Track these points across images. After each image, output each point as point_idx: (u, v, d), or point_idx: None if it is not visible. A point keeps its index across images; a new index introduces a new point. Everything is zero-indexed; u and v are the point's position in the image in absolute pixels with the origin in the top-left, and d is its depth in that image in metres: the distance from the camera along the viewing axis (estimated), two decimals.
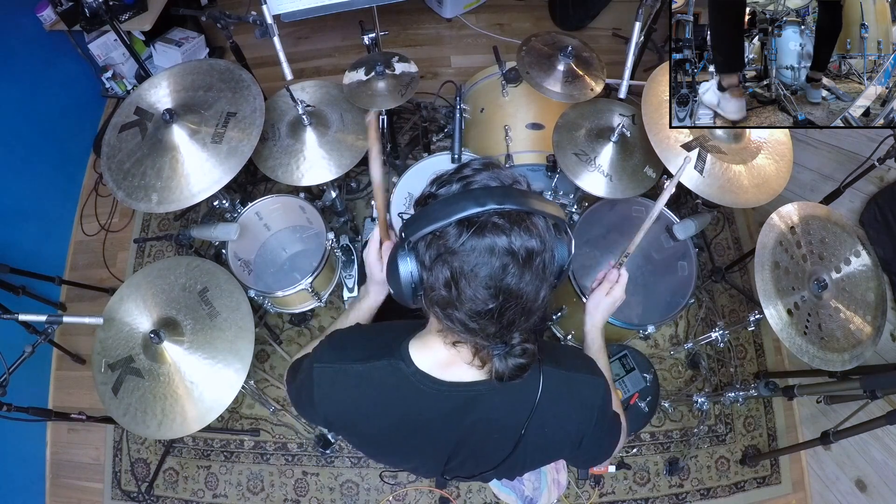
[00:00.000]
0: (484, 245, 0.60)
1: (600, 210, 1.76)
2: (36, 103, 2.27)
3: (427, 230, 0.63)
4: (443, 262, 0.62)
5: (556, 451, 0.86)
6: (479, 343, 0.69)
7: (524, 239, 0.61)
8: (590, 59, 1.78)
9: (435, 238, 0.63)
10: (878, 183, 1.78)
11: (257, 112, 1.52)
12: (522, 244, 0.61)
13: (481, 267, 0.61)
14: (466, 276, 0.61)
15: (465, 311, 0.64)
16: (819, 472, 1.92)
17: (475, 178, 0.66)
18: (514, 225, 0.61)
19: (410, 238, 0.65)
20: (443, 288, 0.63)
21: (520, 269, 0.61)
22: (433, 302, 0.67)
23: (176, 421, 1.34)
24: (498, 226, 0.61)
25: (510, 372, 0.69)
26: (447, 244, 0.62)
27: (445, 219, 0.61)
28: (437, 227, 0.62)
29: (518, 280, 0.62)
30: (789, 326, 1.34)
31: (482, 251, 0.60)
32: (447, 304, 0.65)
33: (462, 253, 0.61)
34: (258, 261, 2.03)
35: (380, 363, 0.78)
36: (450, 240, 0.62)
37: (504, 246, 0.60)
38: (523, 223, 0.62)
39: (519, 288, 0.62)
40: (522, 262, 0.61)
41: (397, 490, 1.91)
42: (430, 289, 0.65)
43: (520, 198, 0.62)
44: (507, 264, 0.61)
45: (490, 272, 0.61)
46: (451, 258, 0.62)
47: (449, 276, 0.62)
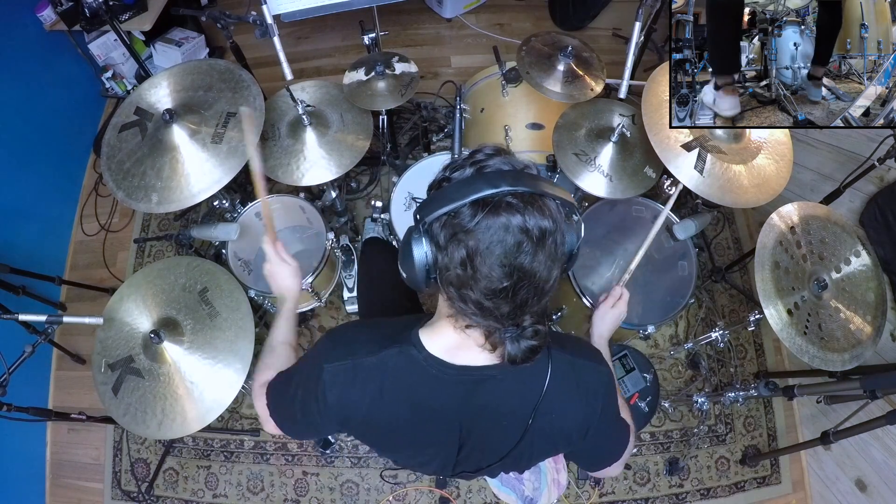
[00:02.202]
0: (499, 223, 0.61)
1: (600, 210, 1.76)
2: (36, 103, 2.27)
3: (442, 211, 0.64)
4: (458, 242, 0.63)
5: (563, 441, 0.86)
6: (491, 326, 0.70)
7: (537, 219, 0.62)
8: (590, 59, 1.78)
9: (450, 219, 0.64)
10: (878, 183, 1.78)
11: (257, 112, 1.52)
12: (536, 223, 0.62)
13: (496, 245, 0.62)
14: (482, 253, 0.62)
15: (480, 290, 0.64)
16: (819, 472, 1.92)
17: (488, 162, 0.67)
18: (527, 205, 0.62)
19: (426, 219, 0.66)
20: (458, 267, 0.64)
21: (533, 247, 0.62)
22: (448, 282, 0.67)
23: (176, 421, 1.34)
24: (512, 205, 0.62)
25: (522, 354, 0.70)
26: (462, 224, 0.63)
27: (460, 199, 0.62)
28: (452, 207, 0.63)
29: (531, 259, 0.63)
30: (789, 326, 1.34)
31: (497, 229, 0.61)
32: (462, 283, 0.65)
33: (477, 231, 0.62)
34: (258, 261, 2.03)
35: (391, 351, 0.78)
36: (465, 219, 0.63)
37: (518, 224, 0.61)
38: (536, 204, 0.63)
39: (532, 267, 0.63)
40: (536, 241, 0.62)
41: (397, 490, 1.91)
42: (445, 269, 0.66)
43: (532, 181, 0.64)
44: (522, 242, 0.62)
45: (505, 250, 0.62)
46: (466, 237, 0.63)
47: (464, 254, 0.63)
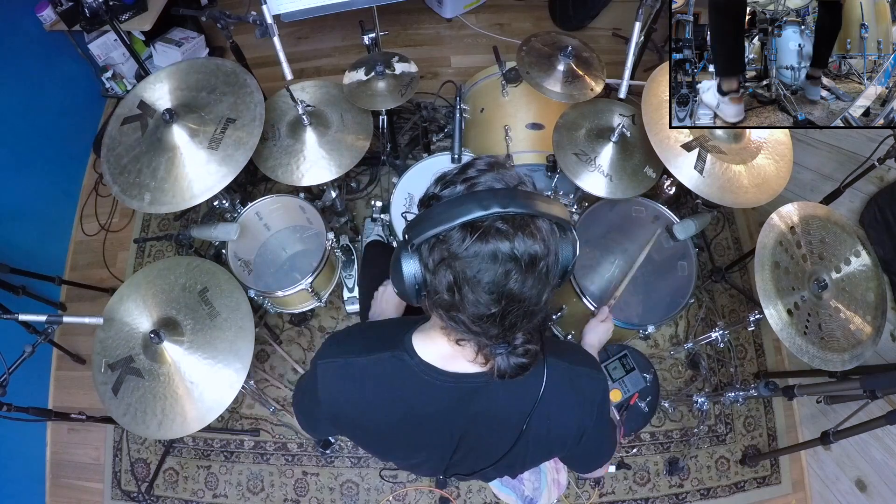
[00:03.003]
0: (487, 251, 0.60)
1: (600, 210, 1.76)
2: (36, 103, 2.27)
3: (430, 234, 0.62)
4: (446, 267, 0.62)
5: (558, 447, 0.86)
6: (482, 342, 0.70)
7: (527, 244, 0.61)
8: (590, 59, 1.78)
9: (438, 241, 0.63)
10: (878, 183, 1.78)
11: (256, 121, 1.52)
12: (526, 250, 0.60)
13: (484, 273, 0.60)
14: (469, 281, 0.61)
15: (468, 315, 0.64)
16: (819, 472, 1.92)
17: (479, 179, 0.65)
18: (517, 230, 0.60)
19: (414, 241, 0.64)
20: (445, 292, 0.64)
21: (522, 274, 0.61)
22: (436, 304, 0.67)
23: (176, 421, 1.34)
24: (501, 231, 0.60)
25: (512, 370, 0.70)
26: (450, 248, 0.61)
27: (449, 222, 0.61)
28: (440, 230, 0.61)
29: (521, 285, 0.61)
30: (789, 326, 1.34)
31: (485, 257, 0.60)
32: (450, 307, 0.65)
33: (465, 258, 0.61)
34: (258, 261, 2.03)
35: (383, 355, 0.78)
36: (453, 244, 0.61)
37: (507, 252, 0.60)
38: (527, 228, 0.61)
39: (521, 293, 0.62)
40: (525, 268, 0.61)
41: (397, 490, 1.91)
42: (434, 292, 0.65)
43: (524, 200, 0.61)
44: (510, 270, 0.60)
45: (493, 278, 0.60)
46: (454, 263, 0.61)
47: (452, 280, 0.62)
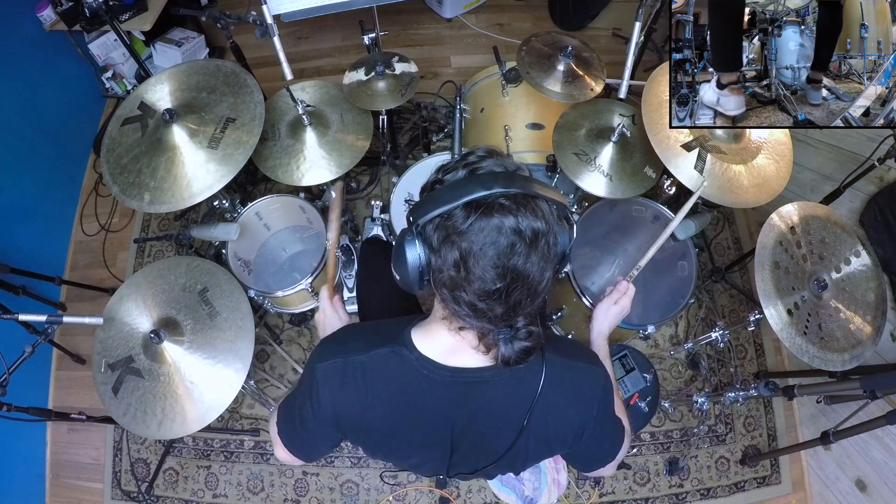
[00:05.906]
0: (492, 225, 0.62)
1: (600, 210, 1.76)
2: (36, 103, 2.27)
3: (435, 213, 0.64)
4: (451, 244, 0.64)
5: (559, 443, 0.86)
6: (484, 327, 0.70)
7: (530, 220, 0.63)
8: (590, 59, 1.78)
9: (443, 220, 0.64)
10: (878, 183, 1.78)
11: (256, 121, 1.52)
12: (529, 225, 0.62)
13: (489, 246, 0.62)
14: (475, 255, 0.62)
15: (474, 291, 0.65)
16: (819, 472, 1.92)
17: (481, 164, 0.67)
18: (520, 207, 0.62)
19: (418, 221, 0.66)
20: (451, 269, 0.64)
21: (526, 248, 0.63)
22: (441, 284, 0.68)
23: (176, 421, 1.34)
24: (505, 207, 0.62)
25: (516, 356, 0.70)
26: (455, 226, 0.63)
27: (453, 202, 0.63)
28: (445, 209, 0.63)
29: (524, 260, 0.63)
30: (789, 326, 1.34)
31: (490, 231, 0.62)
32: (455, 285, 0.65)
33: (470, 233, 0.62)
34: (258, 261, 2.03)
35: (382, 350, 0.78)
36: (458, 221, 0.63)
37: (511, 226, 0.62)
38: (529, 205, 0.63)
39: (525, 268, 0.64)
40: (529, 243, 0.63)
41: (397, 490, 1.91)
42: (439, 271, 0.66)
43: (525, 182, 0.64)
44: (515, 243, 0.62)
45: (498, 251, 0.62)
46: (459, 239, 0.63)
47: (458, 256, 0.63)
